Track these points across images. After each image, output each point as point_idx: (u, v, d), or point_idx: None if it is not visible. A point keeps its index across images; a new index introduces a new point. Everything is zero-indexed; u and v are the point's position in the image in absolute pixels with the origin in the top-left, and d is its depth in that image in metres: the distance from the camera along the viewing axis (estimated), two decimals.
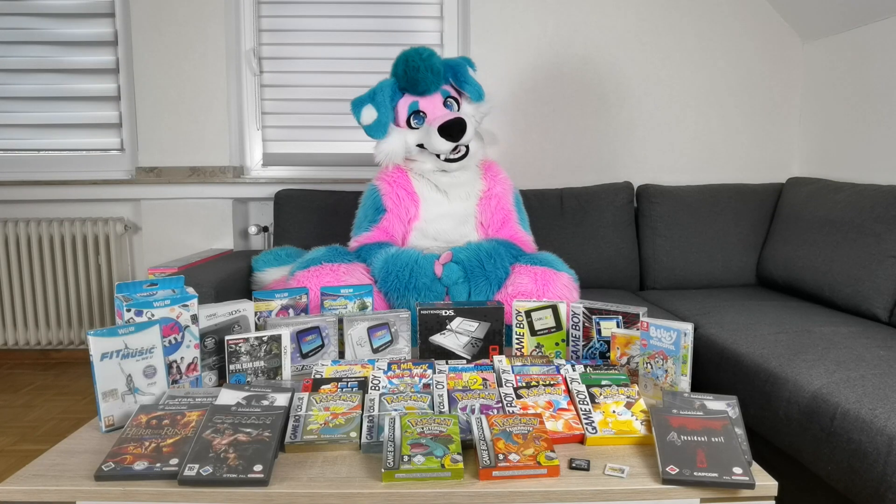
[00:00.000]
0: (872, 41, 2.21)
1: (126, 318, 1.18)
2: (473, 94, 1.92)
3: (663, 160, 2.65)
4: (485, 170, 2.00)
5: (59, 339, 2.68)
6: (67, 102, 2.66)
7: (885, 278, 1.79)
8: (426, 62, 1.85)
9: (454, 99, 1.93)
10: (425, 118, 1.90)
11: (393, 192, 1.93)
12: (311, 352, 1.42)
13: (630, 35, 2.58)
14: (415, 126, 1.90)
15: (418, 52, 1.87)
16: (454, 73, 1.92)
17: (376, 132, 1.89)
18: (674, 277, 2.36)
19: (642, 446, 1.07)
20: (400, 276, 1.70)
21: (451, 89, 1.94)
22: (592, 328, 1.43)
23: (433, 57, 1.87)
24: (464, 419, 1.10)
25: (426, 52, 1.87)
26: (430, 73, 1.85)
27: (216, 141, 2.57)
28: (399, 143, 1.90)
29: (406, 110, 1.90)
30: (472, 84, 1.92)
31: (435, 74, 1.87)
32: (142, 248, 2.65)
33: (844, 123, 2.37)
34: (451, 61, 1.94)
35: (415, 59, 1.85)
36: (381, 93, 1.88)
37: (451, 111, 1.90)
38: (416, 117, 1.90)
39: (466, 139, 1.85)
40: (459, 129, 1.82)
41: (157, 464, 0.97)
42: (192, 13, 2.50)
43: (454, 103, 1.93)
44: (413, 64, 1.85)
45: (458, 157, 1.89)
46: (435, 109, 1.89)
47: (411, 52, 1.88)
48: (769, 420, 1.40)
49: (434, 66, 1.86)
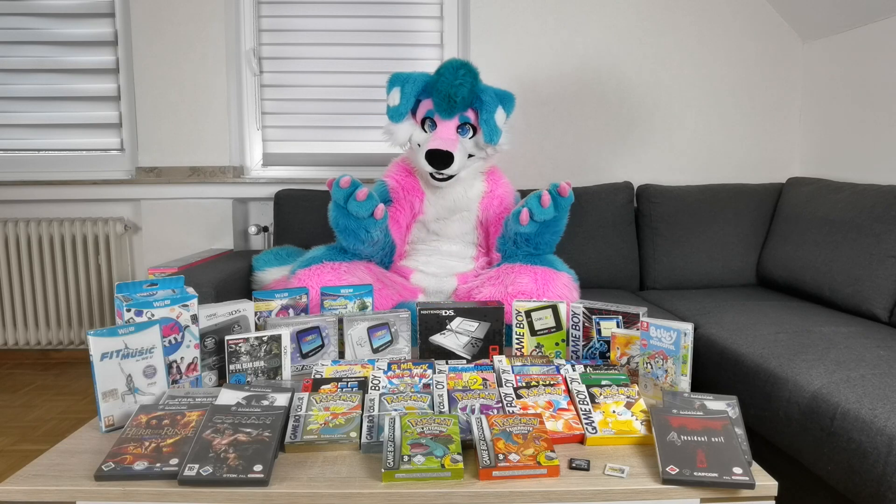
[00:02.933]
0: (872, 41, 2.21)
1: (126, 318, 1.18)
2: (486, 135, 1.83)
3: (663, 160, 2.65)
4: (487, 173, 2.01)
5: (59, 339, 2.68)
6: (67, 102, 2.66)
7: (885, 278, 1.79)
8: (451, 89, 1.78)
9: (472, 127, 1.88)
10: (435, 130, 1.88)
11: (400, 187, 1.95)
12: (311, 352, 1.42)
13: (630, 35, 2.58)
14: (426, 129, 1.90)
15: (455, 73, 1.78)
16: (480, 106, 1.84)
17: (393, 116, 1.88)
18: (674, 277, 2.36)
19: (642, 446, 1.07)
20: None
21: (473, 117, 1.87)
22: (592, 328, 1.43)
23: (461, 88, 1.78)
24: (464, 419, 1.10)
25: (460, 80, 1.78)
26: (447, 102, 1.80)
27: (216, 141, 2.57)
28: (405, 135, 1.91)
29: (424, 112, 1.90)
30: (490, 126, 1.83)
31: (451, 106, 1.81)
32: (142, 248, 2.65)
33: (844, 123, 2.37)
34: (485, 94, 1.84)
35: (445, 81, 1.79)
36: (412, 84, 1.86)
37: (460, 137, 1.86)
38: (430, 124, 1.89)
39: (449, 171, 1.83)
40: (443, 162, 1.80)
41: (157, 464, 0.97)
42: (192, 13, 2.50)
43: (470, 131, 1.87)
44: (439, 86, 1.80)
45: (441, 179, 1.86)
46: (445, 129, 1.85)
47: (448, 70, 1.79)
48: (769, 420, 1.40)
49: (456, 98, 1.79)
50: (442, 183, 1.88)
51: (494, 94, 1.86)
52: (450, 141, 1.82)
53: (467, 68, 1.80)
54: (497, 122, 1.84)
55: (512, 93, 2.04)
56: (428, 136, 1.87)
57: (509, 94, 1.90)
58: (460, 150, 1.83)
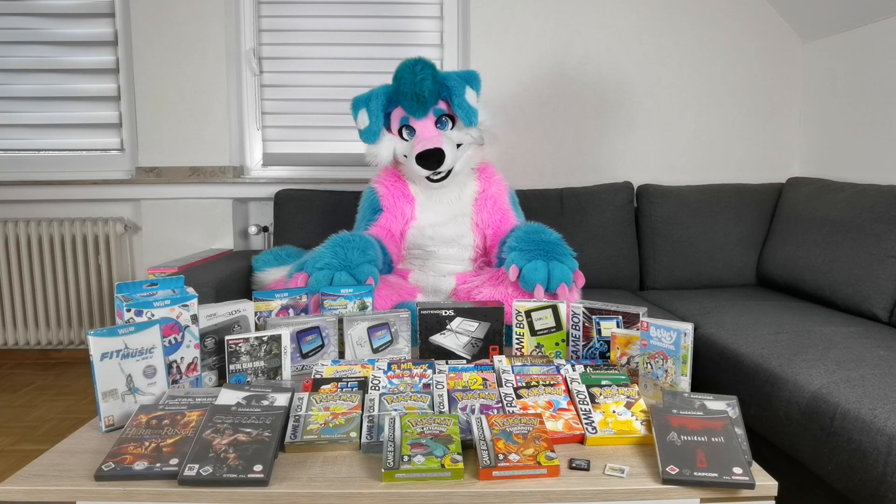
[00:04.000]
0: (872, 41, 2.21)
1: (126, 318, 1.18)
2: (464, 118, 1.83)
3: (663, 160, 2.65)
4: (479, 171, 2.00)
5: (59, 339, 2.68)
6: (67, 102, 2.66)
7: (885, 278, 1.79)
8: (415, 87, 1.78)
9: (449, 117, 1.87)
10: (415, 133, 1.87)
11: (389, 194, 1.94)
12: (311, 352, 1.42)
13: (630, 35, 2.58)
14: (406, 137, 1.89)
15: (413, 71, 1.79)
16: (449, 94, 1.84)
17: (367, 138, 1.88)
18: (674, 277, 2.36)
19: (642, 446, 1.07)
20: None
21: (446, 106, 1.87)
22: (592, 328, 1.43)
23: (425, 82, 1.78)
24: (464, 419, 1.10)
25: (420, 75, 1.78)
26: (416, 101, 1.80)
27: (216, 141, 2.57)
28: (388, 150, 1.90)
29: (398, 122, 1.89)
30: (464, 108, 1.83)
31: (422, 104, 1.81)
32: (142, 248, 2.65)
33: (844, 123, 2.37)
34: (449, 80, 1.84)
35: (406, 82, 1.79)
36: (376, 100, 1.85)
37: (441, 130, 1.85)
38: (408, 130, 1.89)
39: (444, 167, 1.82)
40: (436, 160, 1.80)
41: (157, 464, 0.97)
42: (192, 13, 2.50)
43: (448, 122, 1.87)
44: (403, 89, 1.80)
45: (439, 178, 1.86)
46: (424, 129, 1.85)
47: (405, 71, 1.80)
48: (769, 420, 1.40)
49: (423, 93, 1.79)
50: (441, 183, 1.88)
51: (458, 76, 1.86)
52: (434, 138, 1.82)
53: (422, 62, 1.81)
54: (470, 102, 1.84)
55: (475, 70, 2.01)
56: (411, 143, 1.86)
57: (472, 72, 1.89)
58: (447, 143, 1.82)
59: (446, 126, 1.87)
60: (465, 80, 1.86)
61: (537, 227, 1.80)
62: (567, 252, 1.72)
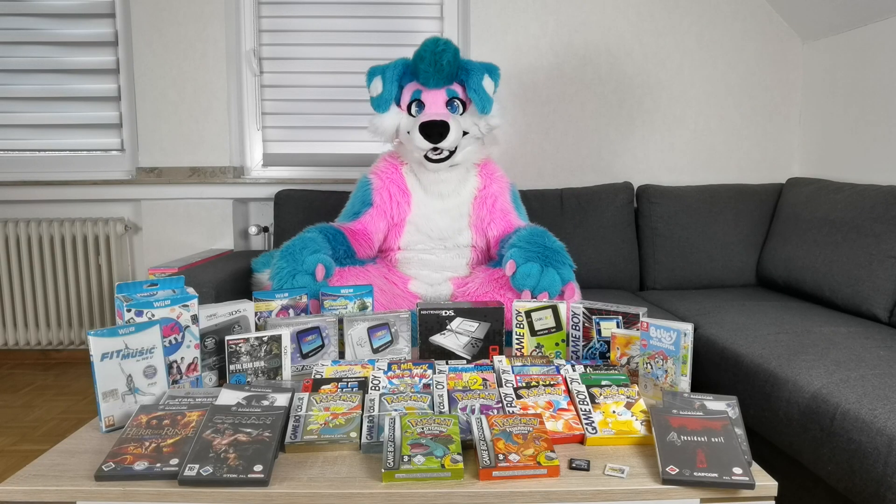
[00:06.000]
0: (872, 41, 2.21)
1: (126, 319, 1.18)
2: (478, 104, 1.83)
3: (663, 160, 2.65)
4: (480, 168, 1.99)
5: (60, 339, 2.68)
6: (67, 103, 2.66)
7: (885, 278, 1.79)
8: (435, 56, 1.78)
9: (461, 102, 1.87)
10: (424, 109, 1.86)
11: (384, 188, 1.92)
12: (311, 352, 1.42)
13: (630, 35, 2.58)
14: (413, 113, 1.88)
15: (435, 42, 1.80)
16: (467, 77, 1.84)
17: (378, 106, 1.88)
18: (674, 277, 2.36)
19: (642, 446, 1.07)
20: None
21: (461, 91, 1.87)
22: (592, 328, 1.43)
23: (445, 53, 1.79)
24: (464, 419, 1.10)
25: (441, 46, 1.79)
26: (433, 67, 1.80)
27: (216, 141, 2.57)
28: (393, 124, 1.89)
29: (409, 95, 1.88)
30: (480, 94, 1.82)
31: (438, 71, 1.80)
32: (142, 248, 2.65)
33: (844, 124, 2.37)
34: (470, 64, 1.85)
35: (427, 50, 1.79)
36: (392, 70, 1.86)
37: (451, 113, 1.85)
38: (417, 105, 1.88)
39: (447, 144, 1.79)
40: (439, 133, 1.77)
41: (158, 464, 0.97)
42: (192, 13, 2.50)
43: (460, 106, 1.87)
44: (421, 53, 1.81)
45: (438, 159, 1.84)
46: (435, 105, 1.84)
47: (428, 42, 1.81)
48: (769, 420, 1.40)
49: (441, 62, 1.79)
50: (440, 165, 1.85)
51: (479, 64, 1.87)
52: (442, 113, 1.81)
53: (447, 41, 1.82)
54: (486, 90, 1.84)
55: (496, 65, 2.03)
56: (417, 119, 1.85)
57: (494, 65, 1.90)
58: (454, 122, 1.81)
59: (457, 110, 1.87)
60: (486, 68, 1.86)
61: (542, 231, 1.79)
62: (567, 262, 1.71)
